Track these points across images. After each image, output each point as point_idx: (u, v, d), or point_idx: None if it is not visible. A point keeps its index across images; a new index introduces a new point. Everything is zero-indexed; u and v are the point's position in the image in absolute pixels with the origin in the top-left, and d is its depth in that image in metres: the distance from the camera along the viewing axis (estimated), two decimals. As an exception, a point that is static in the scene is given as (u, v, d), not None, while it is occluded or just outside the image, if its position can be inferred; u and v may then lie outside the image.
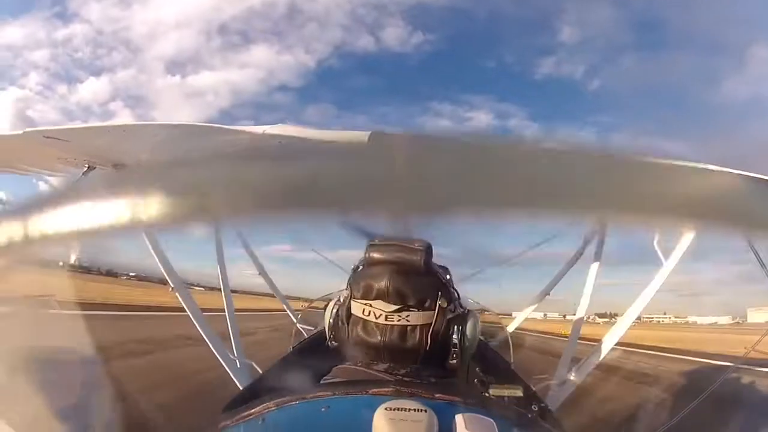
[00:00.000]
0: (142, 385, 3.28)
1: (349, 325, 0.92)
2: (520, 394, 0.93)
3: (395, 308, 0.86)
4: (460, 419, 0.62)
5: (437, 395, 0.69)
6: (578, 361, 2.33)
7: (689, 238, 2.38)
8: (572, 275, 2.83)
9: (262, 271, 2.96)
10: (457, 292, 0.98)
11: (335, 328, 0.99)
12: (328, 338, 1.02)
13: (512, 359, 2.23)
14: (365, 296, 0.89)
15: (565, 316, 2.69)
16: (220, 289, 2.62)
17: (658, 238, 2.42)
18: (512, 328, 2.94)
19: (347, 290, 0.95)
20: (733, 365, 3.60)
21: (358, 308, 0.90)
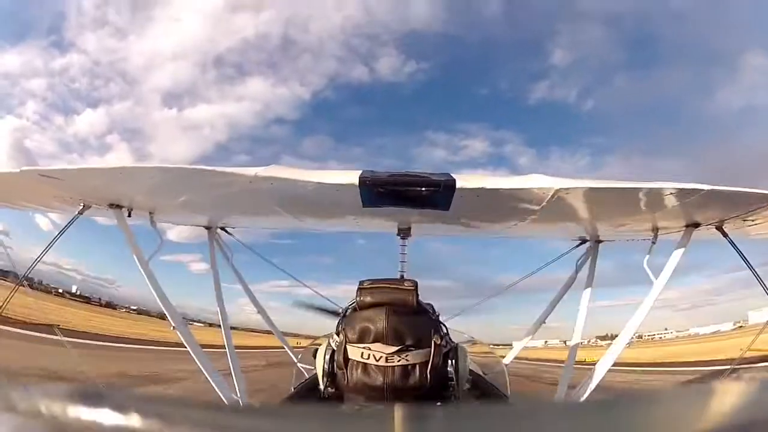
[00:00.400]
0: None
1: (347, 369, 0.91)
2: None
3: (395, 349, 0.88)
4: None
5: None
6: (575, 386, 2.34)
7: (678, 255, 2.43)
8: (571, 301, 2.84)
9: (260, 309, 2.97)
10: (445, 326, 1.01)
11: (331, 374, 0.97)
12: (322, 385, 1.00)
13: (509, 391, 2.21)
14: (362, 339, 0.90)
15: (566, 342, 2.70)
16: (217, 325, 2.62)
17: (648, 257, 2.47)
18: (510, 358, 2.94)
19: (341, 334, 0.95)
20: (729, 368, 3.59)
21: (355, 352, 0.90)
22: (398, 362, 0.88)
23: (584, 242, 2.74)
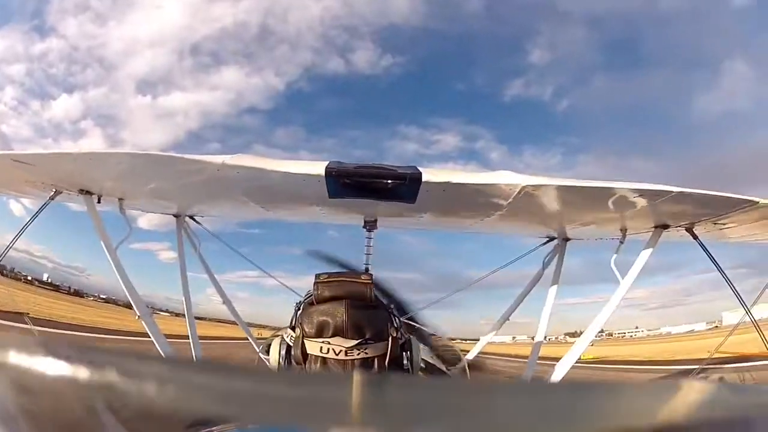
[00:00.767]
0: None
1: (306, 364, 0.91)
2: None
3: (354, 343, 0.88)
4: None
5: None
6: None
7: (646, 255, 2.46)
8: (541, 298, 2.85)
9: (225, 299, 2.96)
10: (399, 318, 1.01)
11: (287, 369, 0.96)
12: None
13: None
14: (321, 334, 0.90)
15: (533, 338, 2.72)
16: (184, 315, 2.62)
17: (615, 256, 2.50)
18: (474, 353, 2.94)
19: (297, 329, 0.94)
20: (698, 368, 3.65)
21: (314, 347, 0.90)
22: (357, 356, 0.88)
23: (552, 240, 2.76)
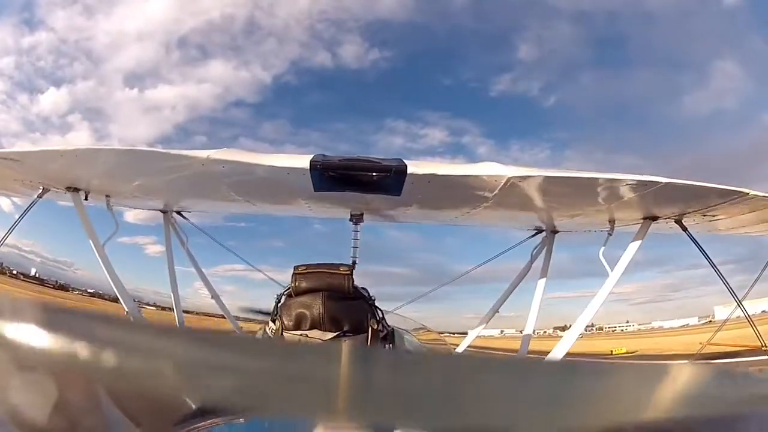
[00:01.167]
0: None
1: None
2: None
3: (332, 335, 0.87)
4: None
5: None
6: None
7: (635, 247, 2.45)
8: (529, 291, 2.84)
9: (214, 293, 2.96)
10: (381, 311, 1.01)
11: None
12: None
13: None
14: (299, 326, 0.89)
15: (521, 331, 2.71)
16: (171, 309, 2.62)
17: (603, 248, 2.50)
18: (463, 347, 2.92)
19: (277, 321, 0.94)
20: (687, 362, 3.65)
21: (292, 339, 0.89)
22: None
23: (540, 232, 2.75)
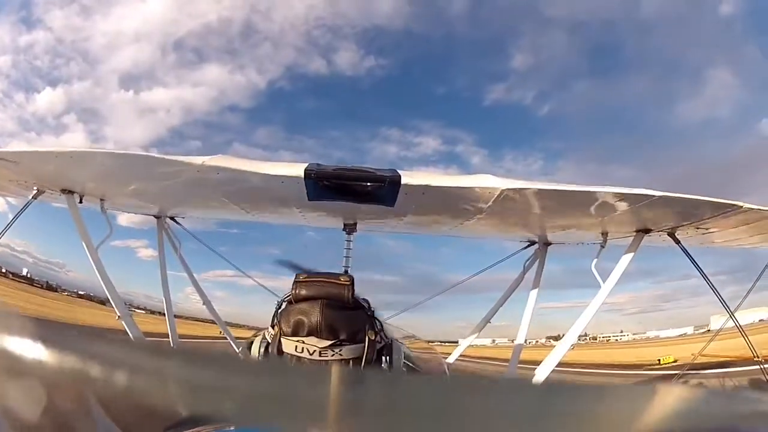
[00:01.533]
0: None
1: None
2: None
3: (329, 343, 0.88)
4: None
5: None
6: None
7: (627, 260, 2.47)
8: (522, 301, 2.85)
9: (205, 299, 2.96)
10: (380, 322, 1.01)
11: None
12: None
13: None
14: (296, 333, 0.90)
15: (513, 341, 2.71)
16: (162, 312, 2.61)
17: (596, 261, 2.51)
18: (455, 356, 2.93)
19: (276, 327, 0.95)
20: (679, 372, 3.66)
21: (289, 345, 0.90)
22: (332, 356, 0.88)
23: (533, 244, 2.77)
